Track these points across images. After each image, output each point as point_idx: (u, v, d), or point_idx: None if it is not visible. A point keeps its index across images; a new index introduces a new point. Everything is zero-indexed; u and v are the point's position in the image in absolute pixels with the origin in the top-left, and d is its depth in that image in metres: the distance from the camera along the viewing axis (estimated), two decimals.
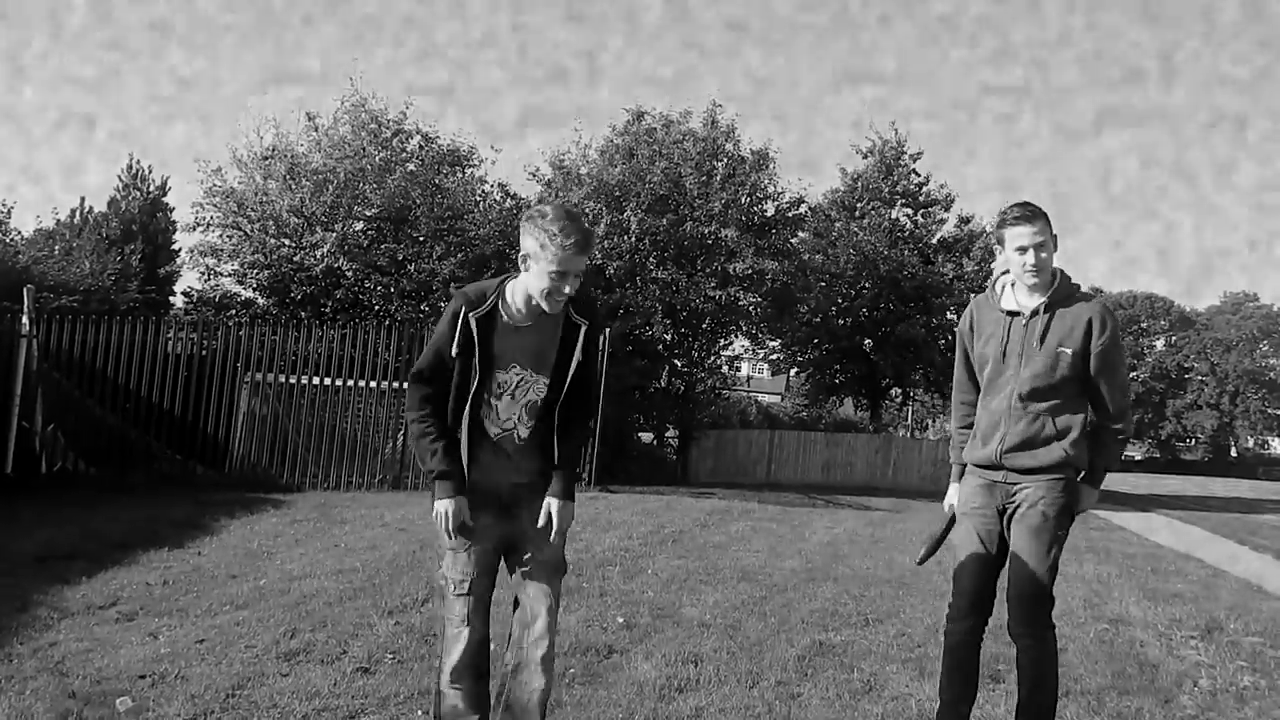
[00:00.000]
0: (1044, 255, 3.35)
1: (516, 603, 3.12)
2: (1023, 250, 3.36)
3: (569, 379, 3.05)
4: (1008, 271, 3.50)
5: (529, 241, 2.90)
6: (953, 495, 3.70)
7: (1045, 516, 3.37)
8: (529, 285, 2.95)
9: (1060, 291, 3.42)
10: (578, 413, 3.14)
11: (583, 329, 3.03)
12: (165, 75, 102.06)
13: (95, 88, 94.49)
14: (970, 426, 3.62)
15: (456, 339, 2.97)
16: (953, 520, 3.68)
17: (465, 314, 2.97)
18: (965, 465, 3.64)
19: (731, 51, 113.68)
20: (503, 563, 3.19)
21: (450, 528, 3.00)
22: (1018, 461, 3.41)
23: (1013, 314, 3.46)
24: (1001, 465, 3.45)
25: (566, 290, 2.89)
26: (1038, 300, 3.42)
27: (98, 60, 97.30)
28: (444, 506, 3.00)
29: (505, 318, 3.01)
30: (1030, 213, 3.37)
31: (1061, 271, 3.45)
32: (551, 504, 3.07)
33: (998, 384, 3.46)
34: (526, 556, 3.10)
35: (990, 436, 3.47)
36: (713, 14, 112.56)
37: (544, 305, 2.94)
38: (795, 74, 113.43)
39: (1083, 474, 3.47)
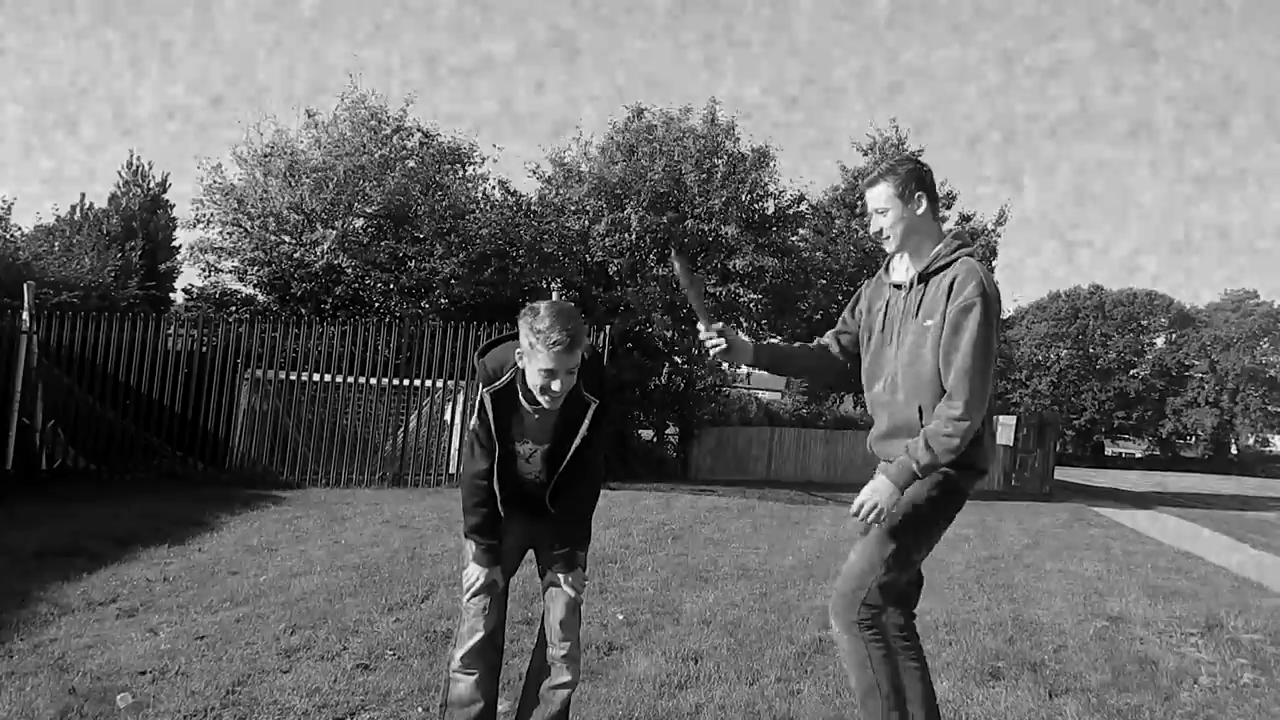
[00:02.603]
0: (885, 219, 2.99)
1: (546, 596, 3.20)
2: (869, 216, 3.05)
3: (569, 454, 3.06)
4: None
5: (523, 338, 2.88)
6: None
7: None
8: (528, 379, 2.94)
9: (940, 257, 2.95)
10: (580, 488, 3.15)
11: (591, 407, 3.02)
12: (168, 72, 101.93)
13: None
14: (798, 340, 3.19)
15: (478, 412, 3.03)
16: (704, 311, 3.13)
17: (482, 390, 3.02)
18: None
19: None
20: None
21: (477, 590, 3.12)
22: (886, 451, 3.00)
23: (898, 287, 3.06)
24: (876, 456, 3.07)
25: (556, 388, 2.88)
26: (916, 270, 3.00)
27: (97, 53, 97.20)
28: (480, 573, 3.12)
29: (522, 397, 3.00)
30: (878, 175, 3.02)
31: (954, 233, 3.03)
32: (558, 579, 3.14)
33: (879, 365, 3.06)
34: (549, 556, 3.19)
35: (874, 423, 3.09)
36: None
37: (540, 401, 2.94)
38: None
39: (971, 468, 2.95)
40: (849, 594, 2.94)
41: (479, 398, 3.03)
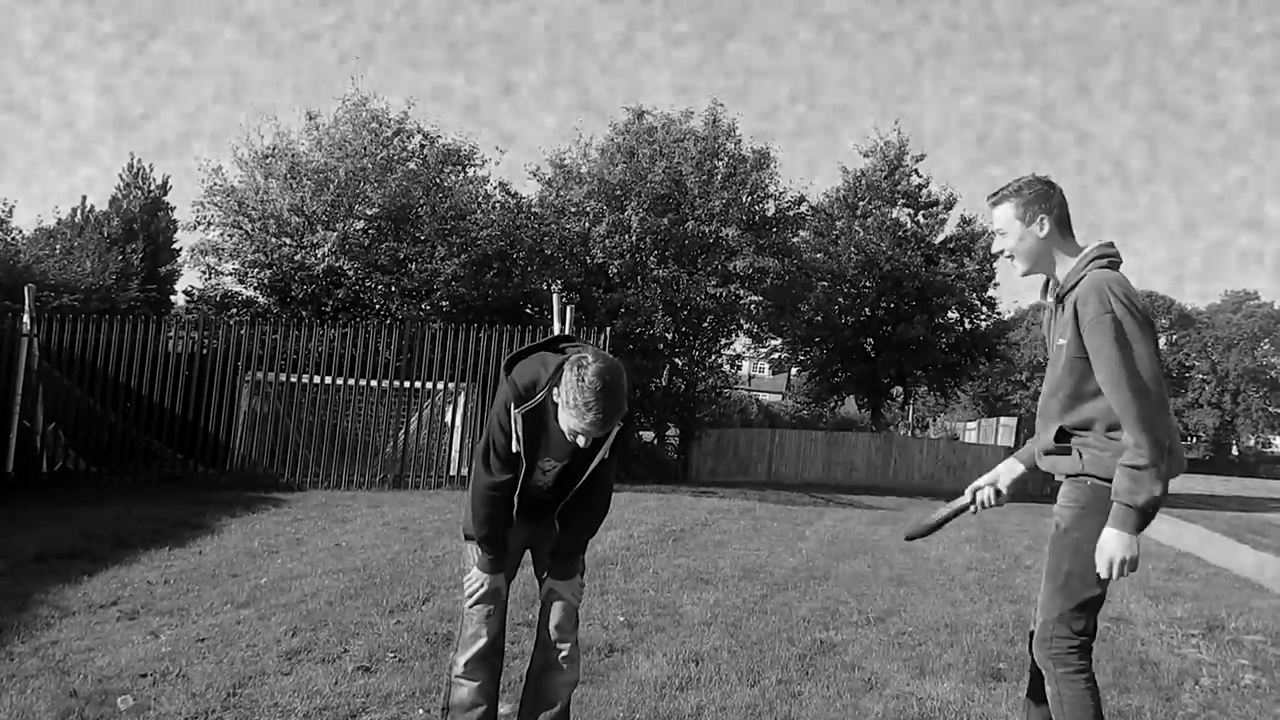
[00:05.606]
0: (1006, 241, 2.96)
1: (544, 601, 3.21)
2: (994, 233, 3.01)
3: (587, 473, 3.05)
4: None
5: (563, 386, 2.79)
6: (986, 477, 3.22)
7: (1057, 526, 2.90)
8: (559, 418, 2.87)
9: (1071, 276, 2.86)
10: (592, 507, 3.15)
11: (614, 430, 2.97)
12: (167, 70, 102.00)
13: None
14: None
15: (508, 432, 2.97)
16: (961, 508, 3.20)
17: (512, 409, 2.95)
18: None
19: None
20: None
21: (480, 598, 3.12)
22: (1045, 465, 3.01)
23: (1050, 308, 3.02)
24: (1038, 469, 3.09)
25: (582, 444, 2.85)
26: (1055, 292, 2.95)
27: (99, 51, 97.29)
28: (484, 580, 3.12)
29: (552, 417, 2.92)
30: (1001, 195, 2.96)
31: (1092, 249, 2.89)
32: (557, 584, 3.15)
33: (1046, 384, 3.03)
34: (549, 560, 3.20)
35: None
36: None
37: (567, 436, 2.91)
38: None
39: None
40: (1043, 625, 2.89)
41: (510, 416, 2.95)
